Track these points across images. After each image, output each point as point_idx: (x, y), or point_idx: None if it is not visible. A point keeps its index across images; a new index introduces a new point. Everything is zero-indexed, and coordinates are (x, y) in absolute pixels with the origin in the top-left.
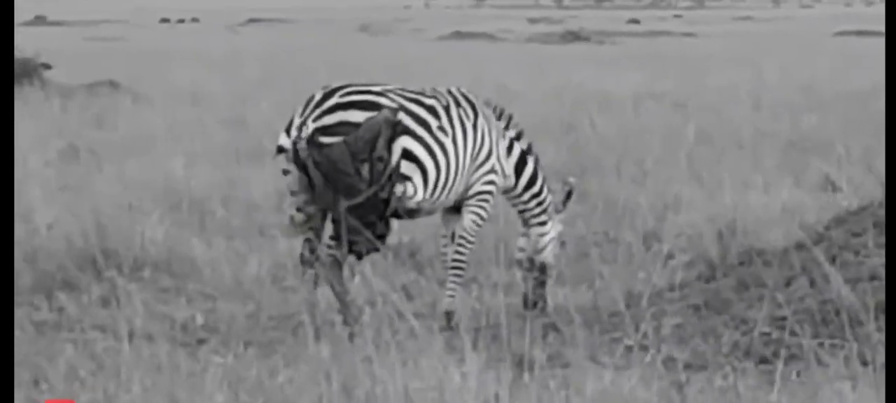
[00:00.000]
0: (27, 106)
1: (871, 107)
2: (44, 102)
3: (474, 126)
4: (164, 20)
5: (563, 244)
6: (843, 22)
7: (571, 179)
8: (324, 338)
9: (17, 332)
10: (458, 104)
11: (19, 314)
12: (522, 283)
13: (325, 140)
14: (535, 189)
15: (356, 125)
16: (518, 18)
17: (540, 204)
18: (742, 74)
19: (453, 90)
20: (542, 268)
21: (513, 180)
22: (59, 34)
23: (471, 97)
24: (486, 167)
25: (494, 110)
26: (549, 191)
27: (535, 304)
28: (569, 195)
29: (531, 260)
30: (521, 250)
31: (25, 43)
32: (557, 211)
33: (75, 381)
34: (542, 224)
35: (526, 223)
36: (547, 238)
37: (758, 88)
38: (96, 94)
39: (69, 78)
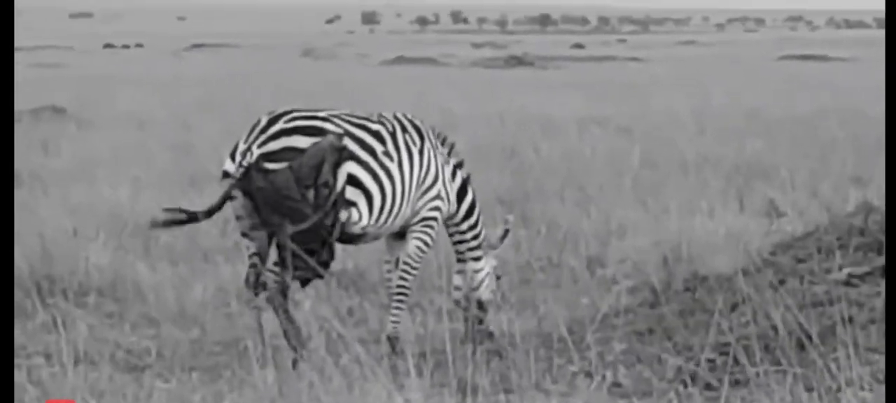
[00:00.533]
0: None
1: (817, 131)
2: None
3: (421, 151)
4: (108, 45)
5: (498, 278)
6: (787, 46)
7: (509, 217)
8: (269, 364)
9: None
10: (404, 130)
11: None
12: (462, 323)
13: (269, 166)
14: (473, 219)
15: (301, 151)
16: (462, 43)
17: (476, 236)
18: (686, 99)
19: (400, 115)
20: (480, 305)
21: (455, 206)
22: None
23: (417, 122)
24: (432, 193)
25: (437, 137)
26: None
27: (477, 341)
28: (505, 233)
29: (467, 298)
30: (458, 288)
31: None
32: (492, 248)
33: None
34: (477, 259)
35: (461, 257)
36: (482, 273)
37: (702, 113)
38: (41, 120)
39: (14, 103)
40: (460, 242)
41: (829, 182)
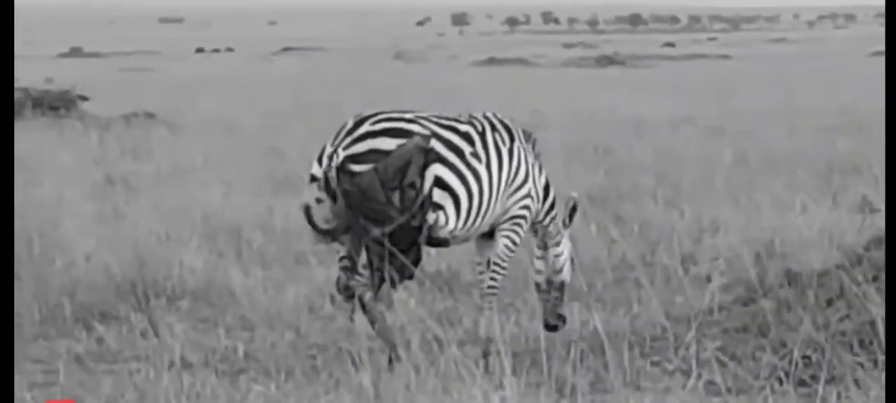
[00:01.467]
0: (65, 138)
1: None
2: (81, 134)
3: (510, 151)
4: (199, 50)
5: (572, 260)
6: (878, 42)
7: (574, 194)
8: (365, 365)
9: (57, 364)
10: (494, 129)
11: (59, 346)
12: (541, 306)
13: (354, 168)
14: (554, 212)
15: (386, 153)
16: (553, 43)
17: (555, 225)
18: (777, 96)
19: (489, 115)
20: (561, 287)
21: (542, 204)
22: (95, 65)
23: (507, 121)
24: (523, 192)
25: (523, 133)
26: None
27: (555, 326)
28: (574, 210)
29: (549, 282)
30: (539, 272)
31: (62, 75)
32: (565, 227)
33: None
34: (558, 243)
35: (544, 244)
36: (563, 257)
37: (793, 110)
38: (132, 125)
39: (105, 109)
40: (543, 235)
41: None
